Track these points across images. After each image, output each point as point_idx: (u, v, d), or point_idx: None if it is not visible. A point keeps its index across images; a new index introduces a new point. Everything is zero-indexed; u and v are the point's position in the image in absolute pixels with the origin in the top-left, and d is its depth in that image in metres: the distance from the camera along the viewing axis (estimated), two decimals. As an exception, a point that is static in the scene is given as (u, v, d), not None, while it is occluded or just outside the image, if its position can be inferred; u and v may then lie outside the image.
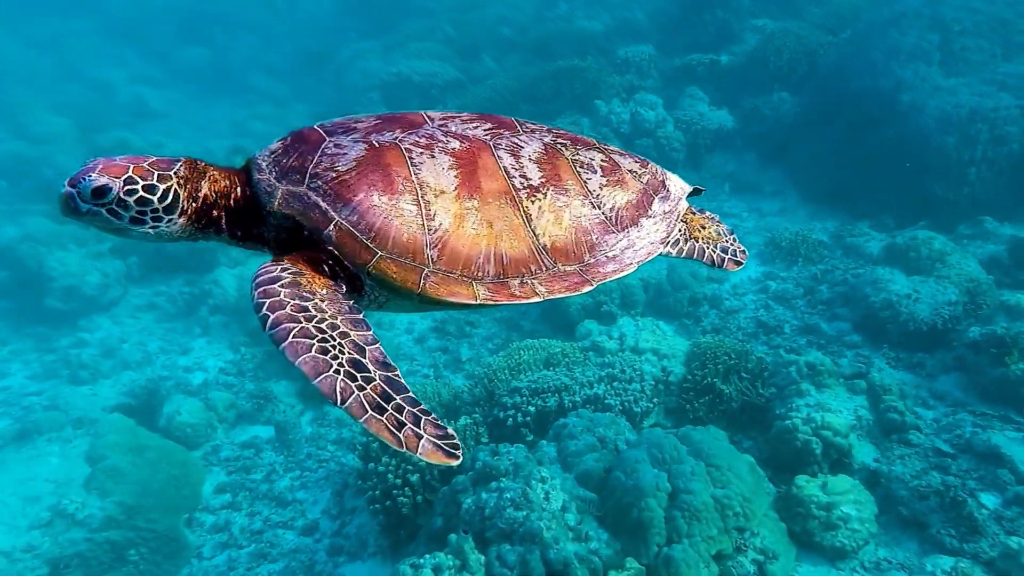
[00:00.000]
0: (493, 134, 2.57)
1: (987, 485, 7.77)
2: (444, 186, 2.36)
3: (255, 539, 8.67)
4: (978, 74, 12.77)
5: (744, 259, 3.22)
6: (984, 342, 8.91)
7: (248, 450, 10.05)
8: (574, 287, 2.52)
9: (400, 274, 2.30)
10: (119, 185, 2.23)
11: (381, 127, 2.47)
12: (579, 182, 2.61)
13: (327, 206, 2.29)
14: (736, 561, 7.07)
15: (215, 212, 2.45)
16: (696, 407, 8.60)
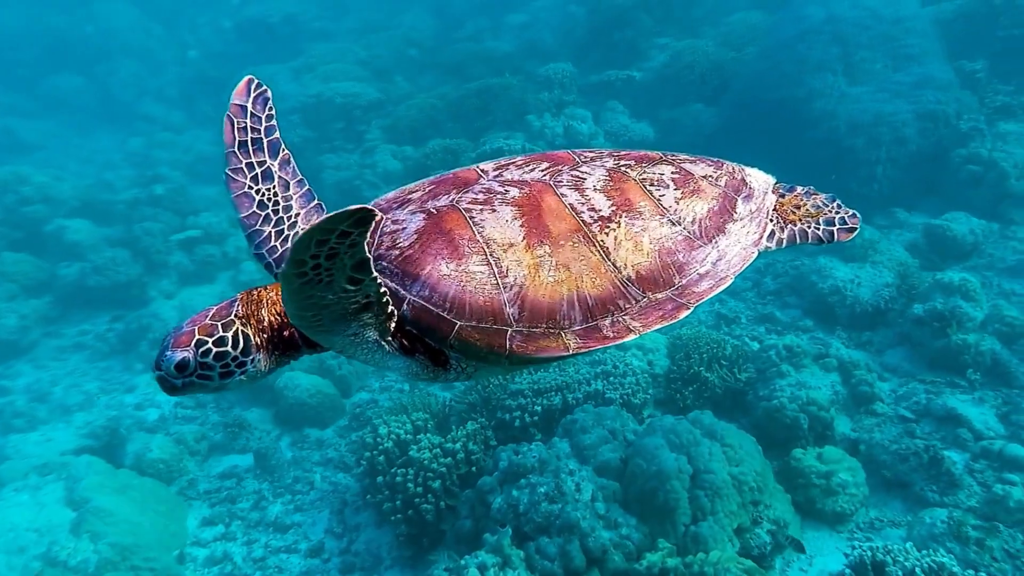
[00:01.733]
0: (552, 172, 2.46)
1: (951, 444, 8.60)
2: (511, 238, 2.25)
3: (259, 566, 8.49)
4: (876, 83, 14.06)
5: (857, 223, 2.95)
6: (927, 317, 9.84)
7: (229, 480, 9.81)
8: (670, 315, 2.38)
9: (483, 340, 2.20)
10: (192, 352, 2.23)
11: (436, 192, 2.40)
12: (652, 202, 2.47)
13: (396, 286, 2.21)
14: (753, 533, 7.55)
15: (285, 332, 2.39)
16: (684, 395, 9.09)
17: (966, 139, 13.28)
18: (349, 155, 17.49)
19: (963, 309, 9.76)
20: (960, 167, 12.96)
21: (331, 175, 16.83)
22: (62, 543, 8.21)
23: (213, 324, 2.29)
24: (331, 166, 17.06)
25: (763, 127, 14.29)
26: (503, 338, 2.20)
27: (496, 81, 17.19)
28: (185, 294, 14.62)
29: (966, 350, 9.52)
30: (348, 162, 17.04)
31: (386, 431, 8.64)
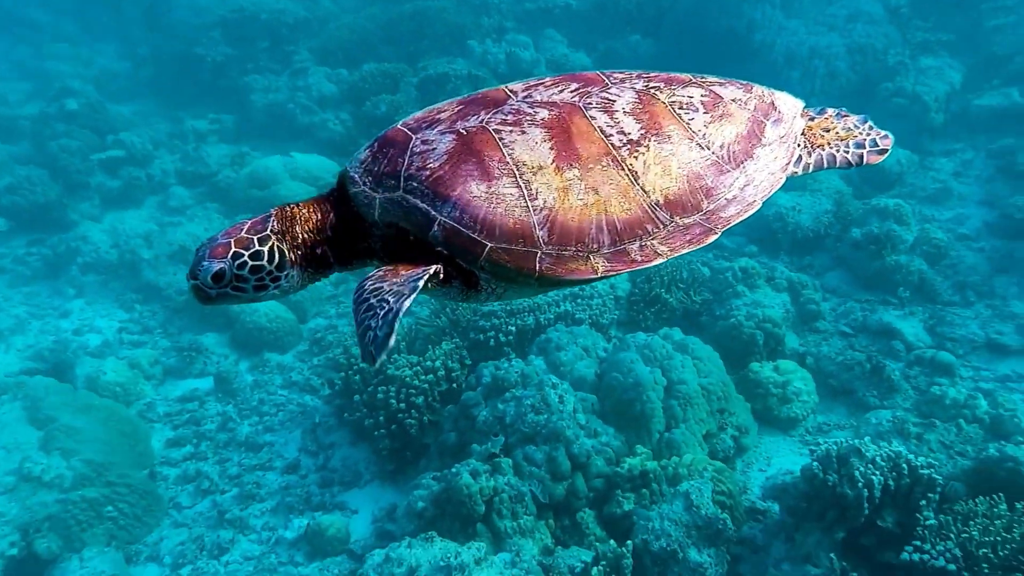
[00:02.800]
0: (581, 94, 2.45)
1: (887, 355, 9.34)
2: (541, 161, 2.27)
3: (236, 483, 8.57)
4: (811, 15, 14.58)
5: (888, 144, 2.90)
6: (864, 240, 10.53)
7: (190, 403, 9.74)
8: (698, 239, 2.40)
9: (514, 261, 2.23)
10: (229, 264, 2.28)
11: (465, 112, 2.39)
12: (681, 125, 2.46)
13: (427, 206, 2.23)
14: (719, 438, 8.11)
15: (319, 250, 2.43)
16: (646, 316, 9.51)
17: (893, 73, 14.02)
18: (277, 77, 16.97)
19: (896, 232, 10.49)
20: (888, 100, 13.70)
21: (260, 97, 16.33)
22: (35, 459, 8.08)
23: (249, 238, 2.33)
24: (259, 88, 16.53)
25: (702, 58, 14.66)
26: (533, 260, 2.23)
27: (431, 3, 16.89)
28: (112, 217, 14.04)
29: (898, 270, 10.28)
30: (277, 84, 16.54)
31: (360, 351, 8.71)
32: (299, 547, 7.79)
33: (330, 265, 2.47)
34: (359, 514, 8.11)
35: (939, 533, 6.52)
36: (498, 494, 7.11)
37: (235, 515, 8.11)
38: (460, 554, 6.23)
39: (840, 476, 6.78)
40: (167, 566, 7.73)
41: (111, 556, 7.60)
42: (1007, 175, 13.16)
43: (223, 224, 12.68)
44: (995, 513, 6.52)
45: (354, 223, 2.40)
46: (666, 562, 6.92)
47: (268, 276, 2.33)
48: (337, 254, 2.45)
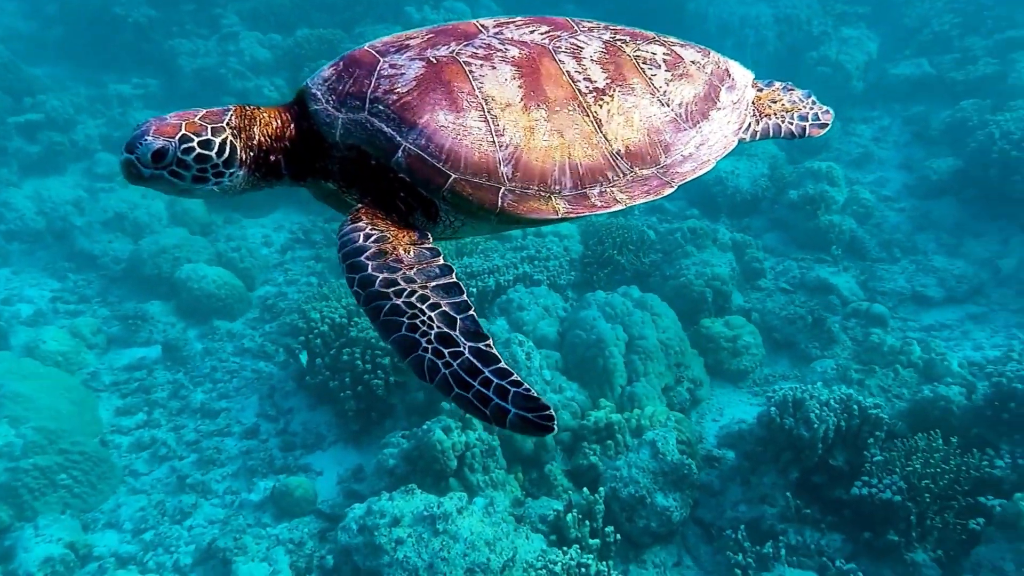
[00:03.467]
0: (551, 37, 2.45)
1: (825, 308, 9.84)
2: (510, 98, 2.26)
3: (194, 449, 8.47)
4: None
5: (829, 119, 3.09)
6: (800, 201, 11.02)
7: (138, 372, 9.52)
8: (655, 191, 2.45)
9: (477, 195, 2.21)
10: (175, 145, 2.14)
11: (435, 40, 2.34)
12: (644, 79, 2.50)
13: (392, 131, 2.18)
14: (676, 391, 8.45)
15: (272, 157, 2.34)
16: (600, 277, 9.75)
17: (817, 42, 14.59)
18: (205, 41, 16.43)
19: (829, 193, 11.03)
20: (813, 68, 14.27)
21: (188, 62, 15.79)
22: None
23: (203, 125, 2.20)
24: (186, 52, 15.98)
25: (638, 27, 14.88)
26: (496, 195, 2.22)
27: (363, -31, 16.62)
28: (35, 184, 13.41)
29: (831, 229, 10.82)
30: (206, 48, 16.04)
31: (319, 316, 8.71)
32: (265, 509, 7.78)
33: (281, 176, 2.39)
34: (324, 476, 8.14)
35: (885, 468, 6.99)
36: (470, 448, 7.25)
37: (196, 479, 8.04)
38: (442, 504, 6.36)
39: (796, 419, 7.17)
40: (127, 532, 7.61)
41: (67, 523, 7.45)
42: (921, 140, 13.93)
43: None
44: (933, 447, 7.02)
45: (312, 141, 2.33)
46: (634, 507, 7.22)
47: (212, 169, 2.22)
48: (291, 167, 2.37)
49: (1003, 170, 11.37)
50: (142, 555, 7.32)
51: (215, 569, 7.18)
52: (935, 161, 12.74)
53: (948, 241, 11.34)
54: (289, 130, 2.33)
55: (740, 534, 7.09)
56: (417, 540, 6.16)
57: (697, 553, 7.43)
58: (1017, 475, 6.96)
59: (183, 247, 10.93)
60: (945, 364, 8.57)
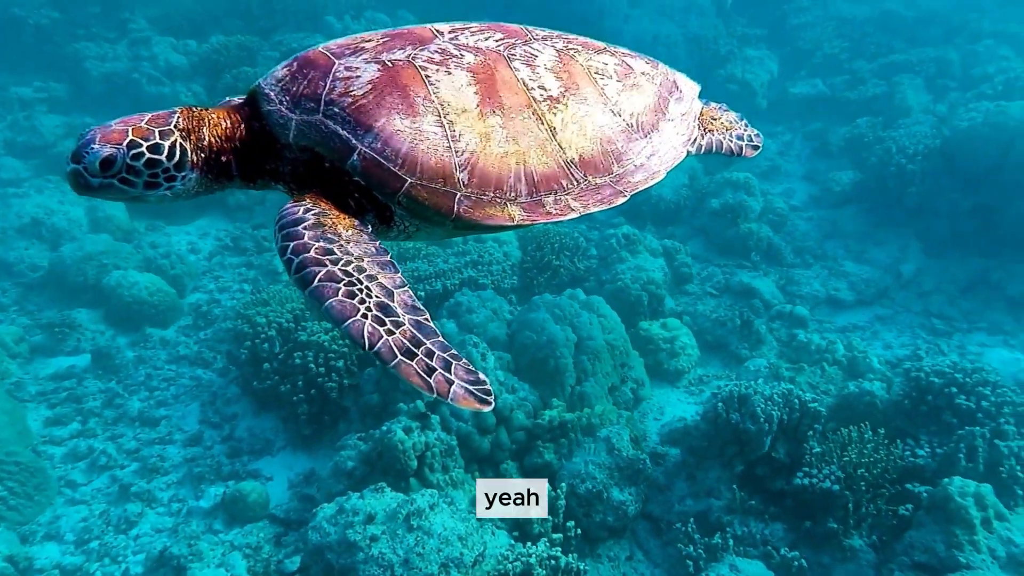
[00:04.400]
0: (506, 44, 2.47)
1: (750, 312, 10.40)
2: (466, 104, 2.26)
3: (135, 458, 8.22)
4: (652, 6, 15.68)
5: (760, 142, 3.23)
6: (721, 209, 11.61)
7: (67, 381, 9.14)
8: (607, 200, 2.47)
9: (433, 200, 2.21)
10: (123, 152, 2.11)
11: (391, 44, 2.33)
12: (597, 89, 2.52)
13: (348, 134, 2.16)
14: (621, 390, 8.77)
15: (224, 158, 2.31)
16: (539, 282, 10.01)
17: (725, 61, 15.39)
18: (113, 45, 15.88)
19: (747, 202, 11.67)
20: (723, 85, 15.01)
21: (96, 66, 15.23)
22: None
23: (150, 129, 2.16)
24: (93, 56, 15.41)
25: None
26: (452, 200, 2.22)
27: (279, -22, 16.46)
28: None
29: (750, 236, 11.43)
30: (115, 52, 15.51)
31: (265, 320, 8.63)
32: (216, 515, 7.65)
33: (232, 177, 2.36)
34: (274, 481, 8.06)
35: (823, 459, 7.47)
36: (429, 448, 7.34)
37: (141, 488, 7.82)
38: (415, 500, 6.44)
39: (742, 414, 7.59)
40: (70, 543, 7.34)
41: (4, 536, 7.15)
42: (821, 154, 14.91)
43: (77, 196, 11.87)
44: (865, 439, 7.55)
45: (264, 141, 2.31)
46: (591, 502, 7.47)
47: (164, 174, 2.18)
48: (242, 169, 2.34)
49: (900, 182, 12.31)
50: (88, 566, 7.07)
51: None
52: (837, 173, 13.66)
53: (854, 248, 12.19)
54: (239, 130, 2.32)
55: (689, 527, 7.44)
56: (391, 536, 6.22)
57: (648, 547, 7.74)
58: (937, 463, 7.57)
59: (109, 253, 10.57)
60: (867, 361, 9.23)
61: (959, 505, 6.80)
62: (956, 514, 6.79)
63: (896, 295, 11.38)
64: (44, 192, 11.99)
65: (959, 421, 7.95)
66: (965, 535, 6.73)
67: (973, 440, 7.51)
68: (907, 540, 7.03)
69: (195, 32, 16.03)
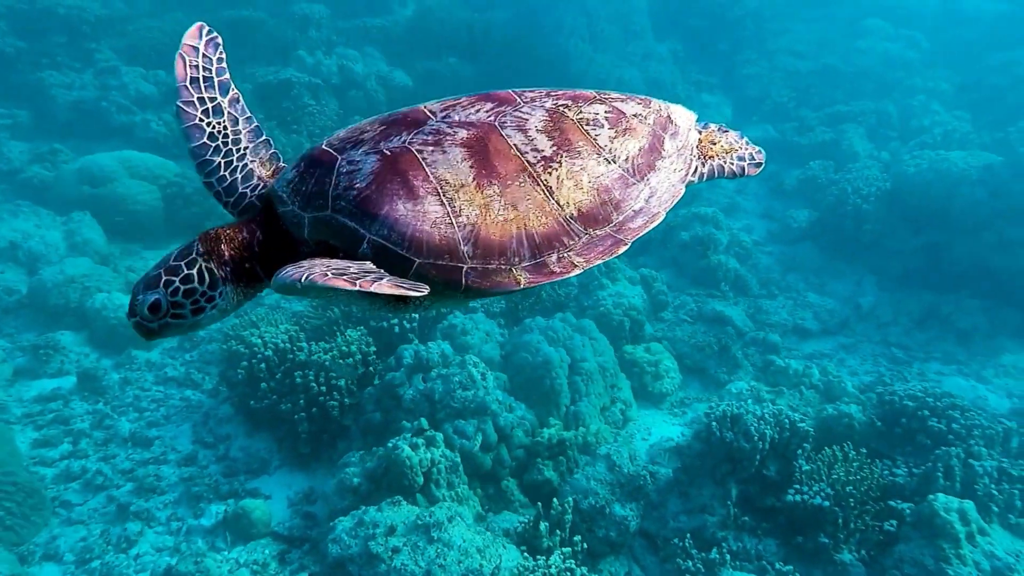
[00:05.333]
0: (496, 113, 2.54)
1: (727, 337, 10.85)
2: (463, 179, 2.35)
3: (129, 478, 8.11)
4: (615, 52, 16.37)
5: (762, 159, 3.21)
6: (691, 241, 12.14)
7: (53, 403, 8.99)
8: (609, 251, 2.52)
9: (441, 275, 2.31)
10: (162, 293, 2.32)
11: (387, 132, 2.45)
12: (589, 141, 2.57)
13: (355, 225, 2.29)
14: (611, 410, 9.07)
15: (247, 266, 2.48)
16: (523, 307, 10.30)
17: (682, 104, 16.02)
18: (79, 74, 15.78)
19: (715, 235, 12.22)
20: (684, 128, 15.67)
21: (63, 93, 15.09)
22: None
23: (177, 264, 2.37)
24: (58, 84, 15.27)
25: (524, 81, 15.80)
26: (459, 274, 2.32)
27: (247, 14, 16.65)
28: None
29: (719, 268, 11.97)
30: (82, 81, 15.41)
31: (260, 341, 8.69)
32: (217, 534, 7.61)
33: (261, 279, 2.52)
34: (272, 500, 8.05)
35: (812, 477, 7.85)
36: (435, 465, 7.48)
37: (140, 507, 7.74)
38: (434, 513, 6.58)
39: (735, 432, 7.93)
40: (70, 563, 7.20)
41: (4, 556, 6.99)
42: (777, 194, 15.67)
43: (55, 220, 11.78)
44: (850, 458, 7.97)
45: (283, 239, 2.45)
46: (594, 518, 7.70)
47: (203, 297, 2.38)
48: (267, 270, 2.50)
49: (856, 220, 13.06)
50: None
51: (175, 596, 6.98)
52: (794, 211, 14.40)
53: (814, 281, 12.85)
54: (256, 237, 2.48)
55: (687, 542, 7.71)
56: (413, 548, 6.34)
57: (644, 563, 7.96)
58: (916, 482, 8.02)
59: (92, 276, 10.48)
60: (842, 385, 9.74)
61: (945, 520, 7.22)
62: (942, 529, 7.21)
63: (856, 326, 12.02)
64: (19, 216, 11.79)
65: (932, 443, 8.46)
66: (952, 549, 7.14)
67: (949, 460, 7.99)
68: (896, 554, 7.40)
69: (163, 63, 16.04)
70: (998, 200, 12.30)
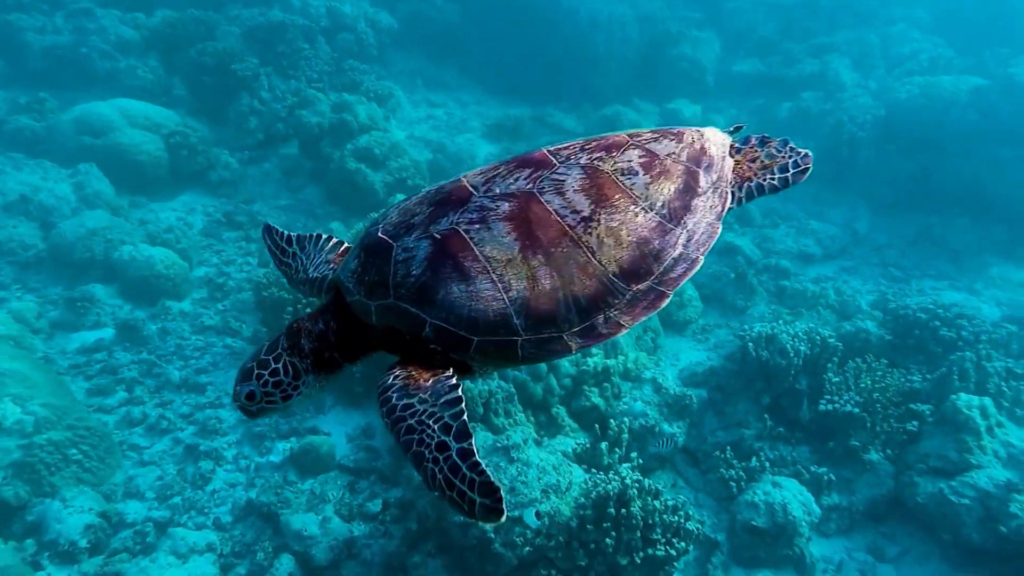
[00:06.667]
0: (534, 180, 2.60)
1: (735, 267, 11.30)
2: (509, 253, 2.43)
3: (190, 421, 8.35)
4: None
5: (809, 162, 3.05)
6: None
7: (98, 353, 9.09)
8: (652, 305, 2.59)
9: (499, 350, 2.45)
10: (255, 385, 2.65)
11: (435, 215, 2.55)
12: (624, 192, 2.60)
13: (416, 311, 2.44)
14: (643, 339, 9.48)
15: (326, 354, 2.72)
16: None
17: (676, 40, 16.26)
18: (48, 17, 15.22)
19: (722, 170, 12.57)
20: (675, 63, 15.90)
21: (36, 39, 14.58)
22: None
23: (267, 359, 2.69)
24: (31, 28, 14.72)
25: (511, 19, 15.83)
26: (515, 347, 2.44)
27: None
28: None
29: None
30: (55, 25, 14.92)
31: (304, 284, 8.85)
32: (285, 469, 7.91)
33: (340, 365, 2.77)
34: (332, 437, 8.35)
35: (841, 387, 8.39)
36: (493, 395, 7.83)
37: (208, 447, 8.00)
38: (510, 436, 6.94)
39: (771, 351, 8.42)
40: (151, 500, 7.48)
41: (89, 495, 7.24)
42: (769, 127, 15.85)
43: (61, 173, 11.59)
44: (873, 368, 8.52)
45: (355, 324, 2.67)
46: (644, 436, 8.16)
47: (290, 387, 2.68)
48: (343, 354, 2.74)
49: (851, 148, 13.53)
50: (177, 517, 7.27)
51: (257, 523, 7.29)
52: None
53: (812, 209, 13.34)
54: (331, 327, 2.72)
55: (727, 454, 8.23)
56: (496, 468, 6.71)
57: (687, 475, 8.50)
58: (931, 386, 8.62)
59: (113, 229, 10.45)
60: (856, 303, 10.29)
61: (967, 416, 7.85)
62: (965, 424, 7.84)
63: (855, 250, 12.58)
64: (24, 170, 11.60)
65: (943, 350, 9.08)
66: (973, 441, 7.79)
67: (963, 363, 8.59)
68: (921, 450, 8.05)
69: (139, 5, 15.58)
70: (988, 121, 12.87)
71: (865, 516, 8.10)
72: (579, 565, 6.42)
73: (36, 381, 7.73)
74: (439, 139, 14.34)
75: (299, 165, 13.36)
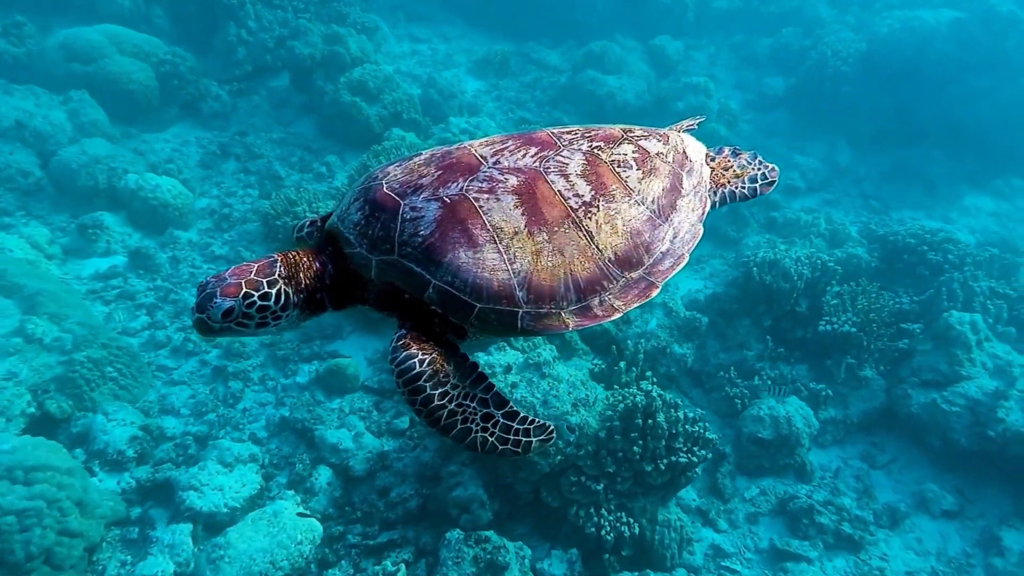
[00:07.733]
0: (540, 158, 2.67)
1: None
2: (516, 226, 2.49)
3: (213, 344, 8.53)
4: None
5: (775, 176, 3.31)
6: (686, 110, 12.76)
7: (114, 279, 9.16)
8: (643, 294, 2.69)
9: (499, 319, 2.48)
10: (239, 302, 2.46)
11: (444, 179, 2.57)
12: (621, 184, 2.71)
13: (421, 271, 2.44)
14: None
15: (318, 295, 2.66)
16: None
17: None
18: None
19: (708, 104, 12.92)
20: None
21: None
22: (34, 322, 7.56)
23: (258, 280, 2.52)
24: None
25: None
26: (516, 318, 2.50)
27: None
28: None
29: (712, 135, 12.66)
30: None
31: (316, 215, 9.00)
32: (312, 389, 8.18)
33: (325, 308, 2.73)
34: (353, 359, 8.61)
35: (839, 309, 8.87)
36: (512, 318, 8.13)
37: (236, 368, 8.22)
38: (541, 354, 7.28)
39: (774, 275, 8.84)
40: (187, 416, 7.73)
41: (128, 410, 7.45)
42: (749, 63, 16.32)
43: (53, 99, 11.37)
44: (868, 291, 9.01)
45: (350, 275, 2.64)
46: (656, 357, 8.59)
47: (271, 315, 2.55)
48: (333, 299, 2.71)
49: (834, 83, 13.92)
50: (215, 432, 7.53)
51: (291, 439, 7.59)
52: (769, 79, 15.13)
53: (795, 144, 13.74)
54: (327, 270, 2.67)
55: (731, 373, 8.70)
56: (528, 383, 7.06)
57: (692, 395, 8.97)
58: (919, 306, 9.16)
59: (116, 157, 10.39)
60: (846, 231, 10.77)
61: (959, 332, 8.42)
62: (956, 339, 8.41)
63: (836, 182, 13.07)
64: (15, 95, 11.35)
65: (930, 273, 9.61)
66: (964, 354, 8.37)
67: (951, 284, 9.14)
68: (913, 364, 8.62)
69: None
70: (965, 52, 13.32)
71: (858, 428, 8.69)
72: (607, 472, 6.84)
73: (67, 301, 7.85)
74: (427, 74, 14.32)
75: (289, 98, 13.29)
